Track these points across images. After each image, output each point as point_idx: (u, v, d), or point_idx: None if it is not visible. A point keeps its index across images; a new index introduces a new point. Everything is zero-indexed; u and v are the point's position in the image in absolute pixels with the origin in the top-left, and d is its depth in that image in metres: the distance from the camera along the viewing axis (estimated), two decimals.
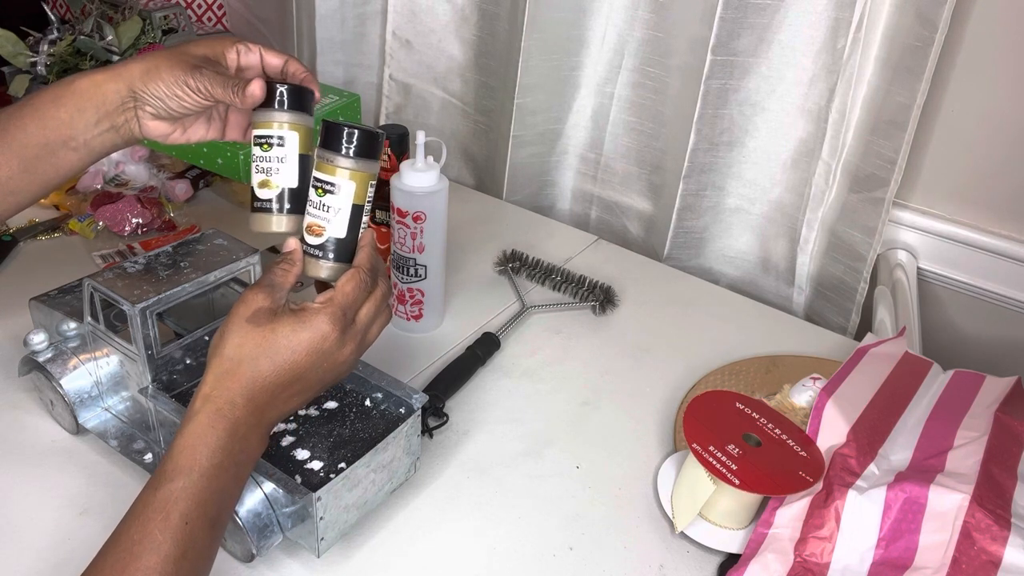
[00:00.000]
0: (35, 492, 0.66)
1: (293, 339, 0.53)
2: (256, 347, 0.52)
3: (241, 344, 0.52)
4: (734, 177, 1.04)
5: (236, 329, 0.52)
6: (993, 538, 0.58)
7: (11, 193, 0.60)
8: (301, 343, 0.53)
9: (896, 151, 0.89)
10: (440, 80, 1.23)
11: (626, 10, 1.03)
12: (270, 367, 0.52)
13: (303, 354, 0.53)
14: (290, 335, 0.53)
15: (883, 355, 0.79)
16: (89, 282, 0.65)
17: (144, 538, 0.47)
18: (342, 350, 0.55)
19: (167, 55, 0.59)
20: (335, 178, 0.57)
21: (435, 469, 0.70)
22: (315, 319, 0.54)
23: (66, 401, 0.67)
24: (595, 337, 0.89)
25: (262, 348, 0.52)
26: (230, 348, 0.52)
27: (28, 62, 1.11)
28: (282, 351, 0.53)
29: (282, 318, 0.53)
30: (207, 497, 0.49)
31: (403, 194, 0.79)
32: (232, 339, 0.52)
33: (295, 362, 0.53)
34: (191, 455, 0.49)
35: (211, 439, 0.50)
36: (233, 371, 0.52)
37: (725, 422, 0.67)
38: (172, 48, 0.61)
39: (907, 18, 0.85)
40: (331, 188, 0.57)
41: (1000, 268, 0.94)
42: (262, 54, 0.62)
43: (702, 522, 0.66)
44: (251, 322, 0.53)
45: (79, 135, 0.59)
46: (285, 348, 0.53)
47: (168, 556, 0.47)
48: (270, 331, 0.53)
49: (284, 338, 0.53)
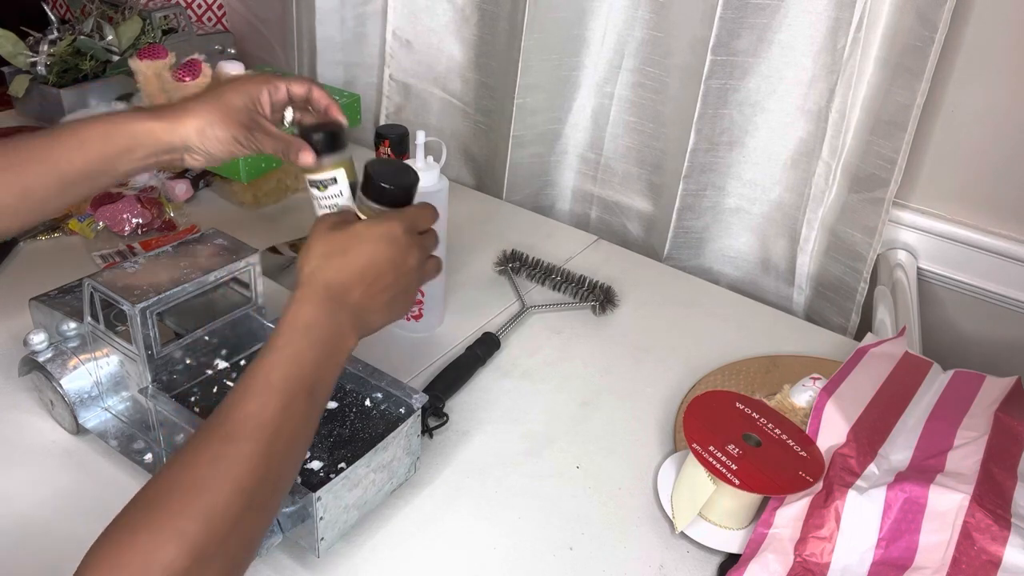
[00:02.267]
0: (35, 492, 0.66)
1: (368, 233, 0.58)
2: (339, 243, 0.57)
3: (326, 242, 0.57)
4: (734, 177, 1.04)
5: (319, 237, 0.58)
6: (993, 538, 0.58)
7: (43, 208, 0.65)
8: (378, 236, 0.58)
9: (896, 151, 0.89)
10: (440, 80, 1.23)
11: (626, 10, 1.03)
12: (355, 257, 0.57)
13: (381, 245, 0.58)
14: (365, 230, 0.58)
15: (883, 355, 0.79)
16: (89, 282, 0.65)
17: (246, 394, 0.50)
18: (409, 253, 0.59)
19: (215, 111, 0.65)
20: None
21: (435, 469, 0.71)
22: (387, 219, 0.59)
23: (66, 401, 0.67)
24: (595, 337, 0.89)
25: (344, 242, 0.57)
26: (316, 249, 0.57)
27: (28, 62, 1.11)
28: (363, 242, 0.58)
29: (358, 222, 0.59)
30: (305, 363, 0.52)
31: None
32: (317, 245, 0.57)
33: (374, 252, 0.58)
34: (290, 327, 0.53)
35: (308, 312, 0.54)
36: (322, 266, 0.56)
37: (725, 422, 0.67)
38: (215, 100, 0.66)
39: (907, 18, 0.85)
40: None
41: (1000, 268, 0.94)
42: (288, 89, 0.69)
43: (702, 522, 0.66)
44: (333, 229, 0.58)
45: (122, 168, 0.65)
46: (365, 239, 0.58)
47: (271, 407, 0.49)
48: (350, 229, 0.58)
49: (362, 231, 0.58)
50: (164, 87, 0.96)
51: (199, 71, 0.96)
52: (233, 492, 0.45)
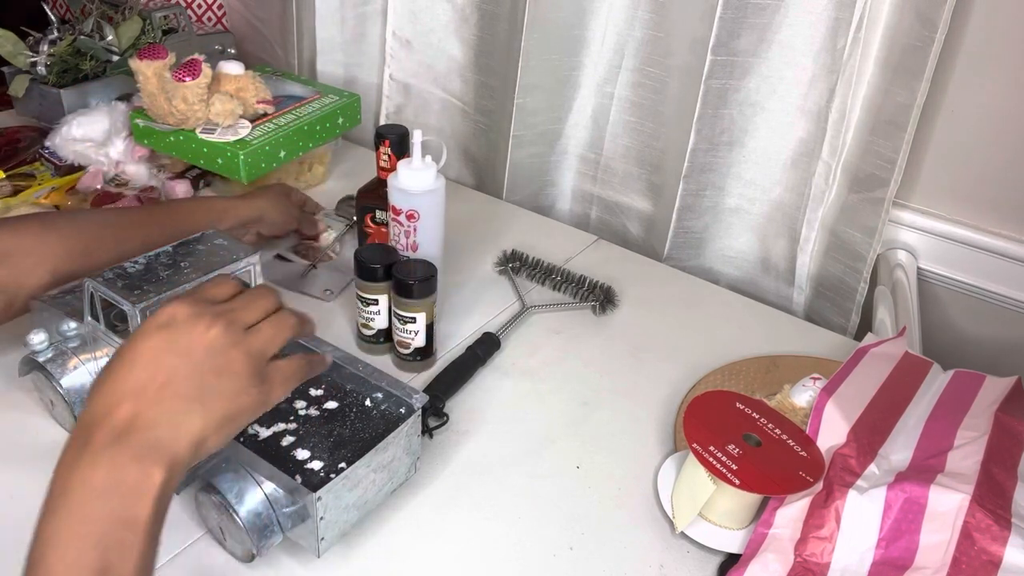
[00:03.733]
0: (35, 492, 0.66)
1: (134, 334, 0.47)
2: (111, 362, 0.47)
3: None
4: (734, 177, 1.04)
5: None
6: (993, 538, 0.58)
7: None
8: (142, 331, 0.47)
9: (896, 151, 0.89)
10: (440, 80, 1.23)
11: (626, 10, 1.03)
12: (116, 368, 0.46)
13: (149, 338, 0.46)
14: (135, 333, 0.47)
15: (883, 355, 0.79)
16: (89, 282, 0.65)
17: None
18: (196, 327, 0.47)
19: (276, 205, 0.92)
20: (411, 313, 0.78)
21: (435, 469, 0.71)
22: (161, 308, 0.48)
23: (66, 401, 0.67)
24: (595, 337, 0.89)
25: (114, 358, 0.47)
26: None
27: (28, 62, 1.11)
28: (126, 345, 0.46)
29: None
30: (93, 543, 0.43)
31: (398, 192, 0.80)
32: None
33: (135, 350, 0.46)
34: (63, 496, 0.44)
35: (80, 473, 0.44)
36: (90, 397, 0.46)
37: (725, 422, 0.67)
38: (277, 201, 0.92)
39: (907, 18, 0.85)
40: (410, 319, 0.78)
41: (1000, 268, 0.94)
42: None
43: (702, 522, 0.66)
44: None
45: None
46: (130, 340, 0.47)
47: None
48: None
49: (132, 336, 0.47)
50: (164, 87, 0.96)
51: (199, 71, 0.96)
52: None
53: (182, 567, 0.61)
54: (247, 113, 1.01)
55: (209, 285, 0.52)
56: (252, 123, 1.01)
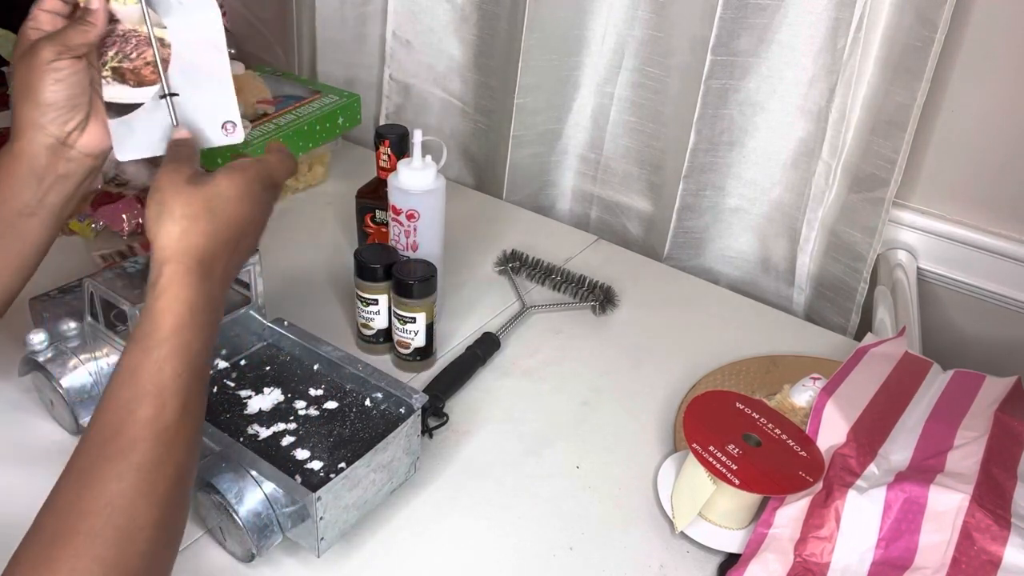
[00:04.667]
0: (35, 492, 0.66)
1: (231, 191, 0.54)
2: (201, 203, 0.53)
3: (189, 203, 0.53)
4: (734, 177, 1.04)
5: (176, 192, 0.53)
6: (993, 538, 0.58)
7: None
8: (241, 195, 0.55)
9: (896, 151, 0.89)
10: (440, 80, 1.23)
11: (626, 10, 1.03)
12: (222, 221, 0.53)
13: (245, 205, 0.55)
14: (228, 187, 0.54)
15: (883, 355, 0.79)
16: (89, 282, 0.65)
17: (137, 399, 0.47)
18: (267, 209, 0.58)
19: (15, 75, 0.59)
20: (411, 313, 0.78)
21: (435, 469, 0.71)
22: (245, 173, 0.56)
23: (66, 401, 0.67)
24: (595, 337, 0.89)
25: (208, 203, 0.53)
26: (180, 208, 0.52)
27: None
28: (228, 202, 0.54)
29: (219, 173, 0.55)
30: (193, 353, 0.50)
31: (398, 192, 0.80)
32: (176, 203, 0.52)
33: (238, 214, 0.55)
34: (170, 313, 0.50)
35: (187, 296, 0.50)
36: (189, 232, 0.52)
37: (725, 422, 0.67)
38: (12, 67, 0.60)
39: (907, 18, 0.85)
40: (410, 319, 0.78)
41: (1000, 268, 0.94)
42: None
43: (702, 522, 0.66)
44: (192, 183, 0.53)
45: (30, 201, 0.60)
46: (229, 198, 0.54)
47: (169, 408, 0.48)
48: (211, 185, 0.54)
49: (224, 190, 0.54)
50: None
51: None
52: (144, 506, 0.45)
53: (182, 567, 0.60)
54: (247, 113, 1.01)
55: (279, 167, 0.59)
56: (252, 123, 1.01)
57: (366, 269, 0.78)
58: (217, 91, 0.61)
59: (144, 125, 0.60)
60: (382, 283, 0.78)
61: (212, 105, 0.61)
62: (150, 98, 0.60)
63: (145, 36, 0.59)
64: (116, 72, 0.59)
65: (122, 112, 0.59)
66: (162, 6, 0.59)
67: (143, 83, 0.60)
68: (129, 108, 0.59)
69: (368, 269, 0.78)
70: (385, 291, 0.79)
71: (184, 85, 0.60)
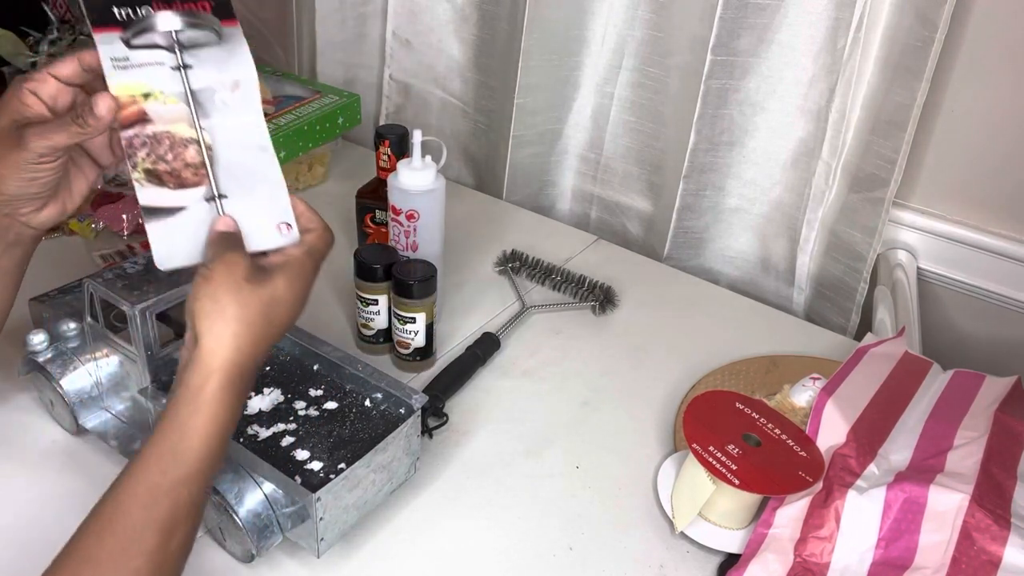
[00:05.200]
0: (35, 493, 0.66)
1: (291, 291, 0.52)
2: (263, 307, 0.50)
3: (246, 304, 0.50)
4: (734, 177, 1.04)
5: (236, 290, 0.50)
6: (993, 538, 0.58)
7: None
8: (298, 293, 0.53)
9: (896, 151, 0.89)
10: (440, 80, 1.23)
11: (626, 10, 1.03)
12: (277, 324, 0.51)
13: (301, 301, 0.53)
14: (288, 289, 0.52)
15: (883, 355, 0.79)
16: (89, 282, 0.65)
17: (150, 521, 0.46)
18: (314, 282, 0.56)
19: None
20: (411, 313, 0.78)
21: (435, 469, 0.71)
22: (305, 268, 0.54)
23: (66, 401, 0.67)
24: (595, 337, 0.89)
25: (270, 308, 0.51)
26: (234, 309, 0.49)
27: (28, 62, 1.11)
28: (284, 305, 0.52)
29: (277, 274, 0.52)
30: (214, 472, 0.49)
31: (397, 192, 0.80)
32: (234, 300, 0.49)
33: (293, 315, 0.53)
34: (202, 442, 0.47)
35: (224, 417, 0.48)
36: (242, 336, 0.49)
37: (725, 422, 0.67)
38: None
39: (907, 18, 0.85)
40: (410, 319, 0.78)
41: (1000, 268, 0.94)
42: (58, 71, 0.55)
43: (702, 522, 0.66)
44: (250, 282, 0.50)
45: None
46: (286, 302, 0.52)
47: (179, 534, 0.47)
48: (273, 288, 0.51)
49: (283, 293, 0.52)
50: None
51: None
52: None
53: None
54: None
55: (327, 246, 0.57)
56: None
57: (366, 269, 0.78)
58: (269, 191, 0.56)
59: (188, 230, 0.54)
60: (382, 283, 0.78)
61: (264, 206, 0.55)
62: (194, 201, 0.54)
63: (179, 137, 0.54)
64: (151, 174, 0.54)
65: (161, 216, 0.53)
66: (204, 106, 0.55)
67: (184, 185, 0.54)
68: (170, 212, 0.54)
69: (368, 269, 0.78)
70: (385, 291, 0.79)
71: (231, 186, 0.55)
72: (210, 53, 0.56)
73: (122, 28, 0.54)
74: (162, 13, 0.53)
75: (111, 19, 0.54)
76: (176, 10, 0.54)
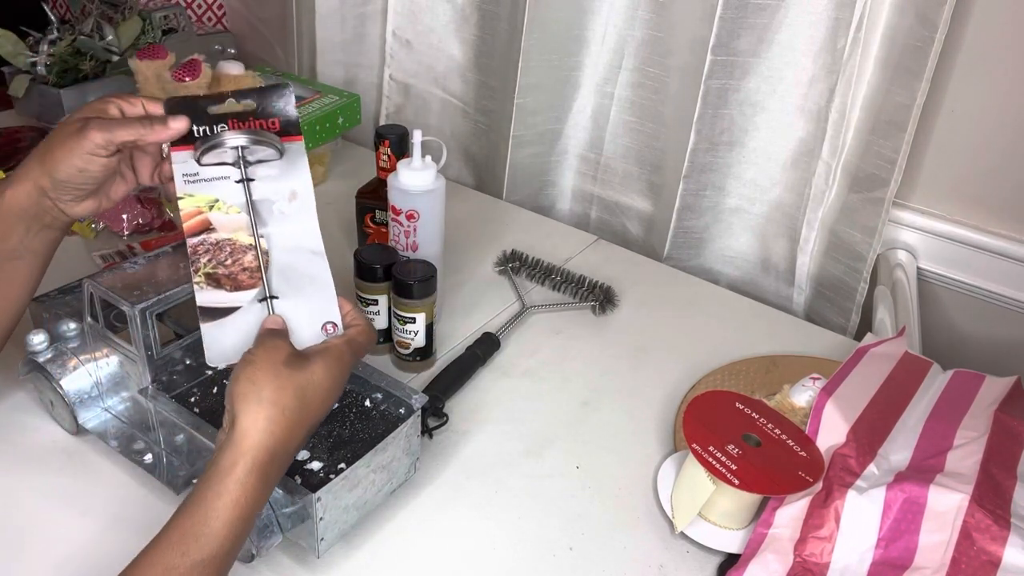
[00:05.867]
0: (35, 493, 0.66)
1: (328, 378, 0.54)
2: (298, 391, 0.52)
3: (283, 387, 0.52)
4: (734, 177, 1.04)
5: (274, 373, 0.52)
6: (993, 538, 0.58)
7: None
8: (336, 380, 0.55)
9: (896, 151, 0.89)
10: (440, 80, 1.23)
11: (626, 10, 1.03)
12: (311, 410, 0.53)
13: (337, 389, 0.56)
14: (326, 375, 0.54)
15: (883, 355, 0.79)
16: (89, 282, 0.65)
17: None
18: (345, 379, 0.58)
19: (53, 134, 0.59)
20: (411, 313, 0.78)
21: (435, 469, 0.71)
22: (344, 357, 0.56)
23: (66, 401, 0.67)
24: (595, 337, 0.89)
25: (305, 392, 0.53)
26: (270, 392, 0.51)
27: (28, 62, 1.11)
28: (320, 391, 0.54)
29: (315, 360, 0.54)
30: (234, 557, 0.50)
31: (397, 192, 0.80)
32: (271, 384, 0.51)
33: (328, 400, 0.55)
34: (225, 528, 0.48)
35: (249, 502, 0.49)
36: (275, 419, 0.51)
37: (725, 422, 0.67)
38: (58, 126, 0.60)
39: (907, 18, 0.85)
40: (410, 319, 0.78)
41: (1000, 268, 0.94)
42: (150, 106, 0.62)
43: (702, 522, 0.66)
44: (289, 366, 0.52)
45: (17, 246, 0.61)
46: (322, 388, 0.54)
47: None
48: (310, 374, 0.53)
49: (320, 379, 0.54)
50: (164, 87, 0.96)
51: (199, 71, 0.96)
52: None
53: None
54: None
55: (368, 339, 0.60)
56: None
57: (366, 269, 0.78)
58: (318, 294, 0.59)
59: (240, 328, 0.57)
60: (382, 283, 0.78)
61: (313, 306, 0.59)
62: (247, 301, 0.58)
63: (240, 244, 0.59)
64: (210, 278, 0.58)
65: (216, 316, 0.57)
66: (263, 215, 0.60)
67: (240, 288, 0.58)
68: (224, 312, 0.57)
69: (368, 269, 0.78)
70: (385, 291, 0.79)
71: (283, 287, 0.59)
72: (271, 167, 0.61)
73: (194, 146, 0.60)
74: (231, 132, 0.60)
75: (187, 138, 0.61)
76: (245, 129, 0.60)
